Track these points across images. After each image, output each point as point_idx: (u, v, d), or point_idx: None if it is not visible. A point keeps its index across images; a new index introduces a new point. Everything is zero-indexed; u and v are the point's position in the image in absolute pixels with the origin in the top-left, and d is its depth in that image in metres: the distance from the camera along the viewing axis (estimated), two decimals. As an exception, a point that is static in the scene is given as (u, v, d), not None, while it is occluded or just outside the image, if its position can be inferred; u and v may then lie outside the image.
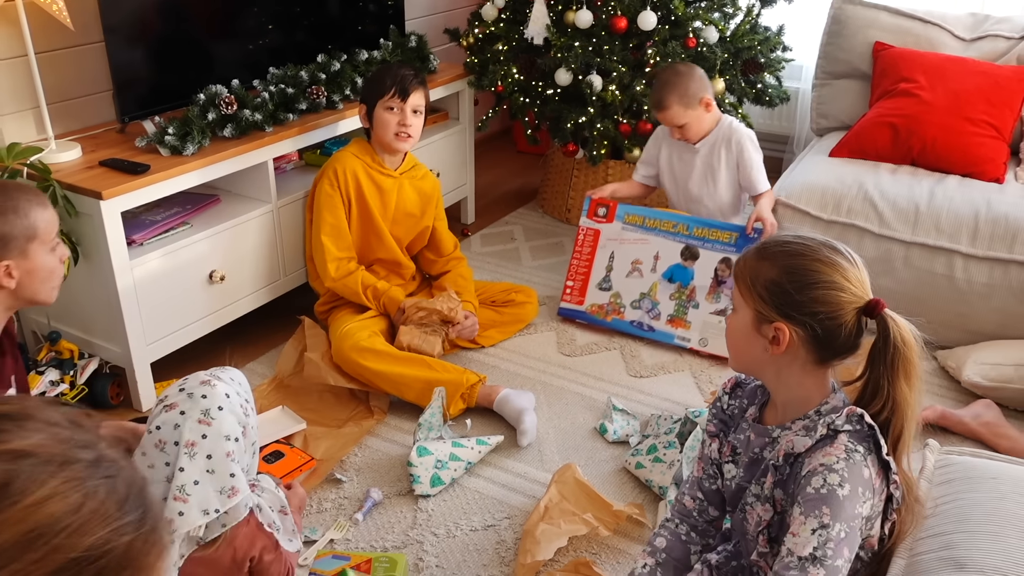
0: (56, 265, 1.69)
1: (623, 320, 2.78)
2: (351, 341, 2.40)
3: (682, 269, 2.79)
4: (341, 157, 2.60)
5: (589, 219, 2.94)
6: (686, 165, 2.90)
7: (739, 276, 1.40)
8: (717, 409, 1.53)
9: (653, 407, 2.45)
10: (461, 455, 2.16)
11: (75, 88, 2.57)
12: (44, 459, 0.75)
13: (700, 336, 2.68)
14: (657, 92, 2.75)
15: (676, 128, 2.79)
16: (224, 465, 1.44)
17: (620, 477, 2.18)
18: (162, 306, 2.40)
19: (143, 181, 2.27)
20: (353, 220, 2.62)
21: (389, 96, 2.54)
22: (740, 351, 1.43)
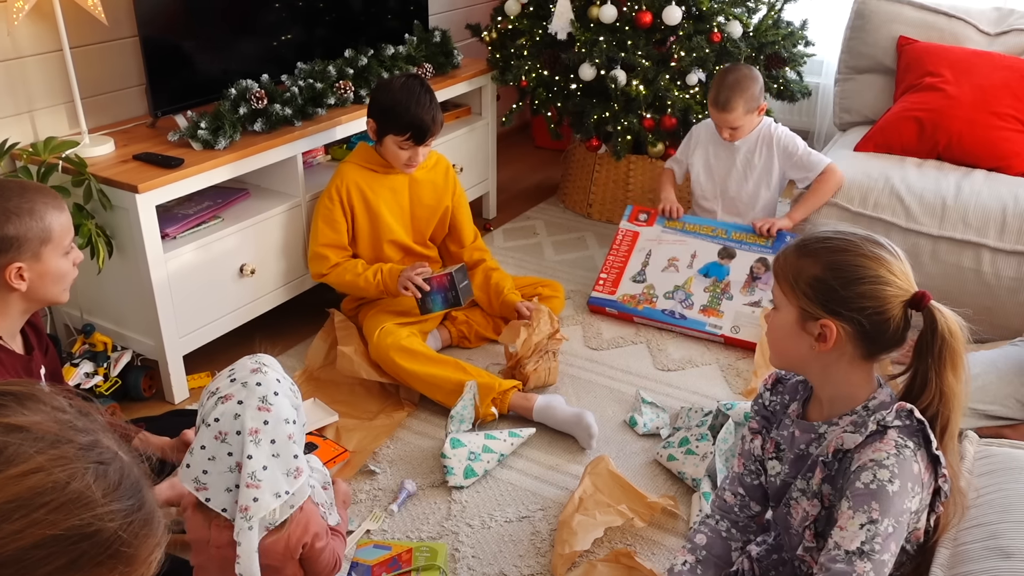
0: (69, 269, 1.68)
1: (654, 308, 2.79)
2: (391, 339, 2.41)
3: (718, 266, 2.82)
4: (342, 172, 2.58)
5: (630, 223, 3.00)
6: (723, 163, 2.92)
7: (780, 274, 1.40)
8: (759, 405, 1.54)
9: (682, 400, 2.46)
10: (494, 447, 2.17)
11: (107, 82, 2.59)
12: (36, 436, 0.77)
13: (732, 324, 2.69)
14: (724, 92, 2.74)
15: (729, 129, 2.81)
16: (287, 447, 1.46)
17: (652, 469, 2.19)
18: (194, 299, 2.42)
19: (177, 175, 2.29)
20: (361, 230, 2.61)
21: (403, 139, 2.49)
22: (784, 349, 1.43)
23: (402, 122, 2.46)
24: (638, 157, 3.49)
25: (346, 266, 2.57)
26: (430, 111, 2.48)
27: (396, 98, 2.48)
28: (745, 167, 2.90)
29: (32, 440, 0.76)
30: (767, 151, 2.86)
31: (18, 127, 2.41)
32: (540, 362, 2.45)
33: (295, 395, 1.54)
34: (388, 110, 2.48)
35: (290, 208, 2.65)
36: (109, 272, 2.35)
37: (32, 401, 0.80)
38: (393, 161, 2.57)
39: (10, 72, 2.36)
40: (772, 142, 2.85)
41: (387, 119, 2.49)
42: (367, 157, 2.61)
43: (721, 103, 2.76)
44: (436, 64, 3.17)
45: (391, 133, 2.50)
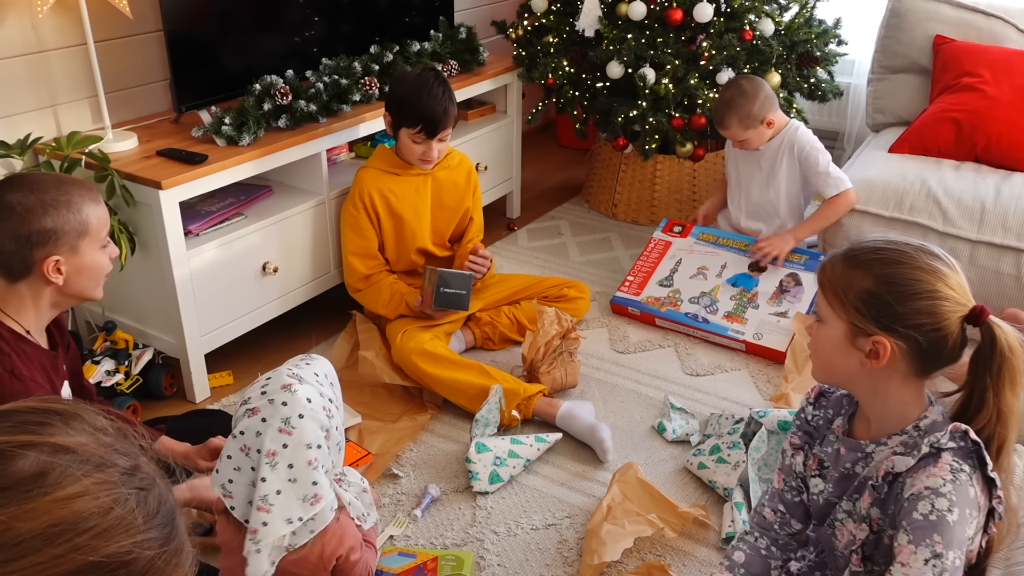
0: (105, 263, 1.65)
1: (678, 311, 2.74)
2: (414, 343, 2.37)
3: (747, 277, 2.77)
4: (361, 178, 2.54)
5: (663, 233, 2.98)
6: (748, 167, 2.86)
7: (827, 285, 1.34)
8: (801, 420, 1.48)
9: (711, 406, 2.40)
10: (520, 452, 2.12)
11: (131, 77, 2.57)
12: (83, 458, 0.74)
13: (755, 331, 2.63)
14: (718, 111, 2.72)
15: (738, 141, 2.78)
16: (306, 474, 1.41)
17: (682, 477, 2.14)
18: (217, 297, 2.39)
19: (201, 171, 2.25)
20: (387, 235, 2.57)
21: (416, 132, 2.45)
22: (830, 364, 1.37)
23: (414, 113, 2.43)
24: (665, 157, 3.43)
25: (374, 292, 2.54)
26: (442, 103, 2.43)
27: (409, 89, 2.44)
28: (768, 173, 2.83)
29: (78, 462, 0.74)
30: (788, 158, 2.79)
31: (41, 122, 2.38)
32: (555, 365, 2.40)
33: (329, 414, 1.47)
34: (401, 102, 2.46)
35: (314, 206, 2.61)
36: (131, 269, 2.32)
37: (77, 421, 0.78)
38: (409, 157, 2.53)
39: (34, 66, 2.33)
40: (794, 150, 2.77)
41: (400, 111, 2.46)
42: (386, 160, 2.57)
43: (717, 120, 2.75)
44: (461, 61, 3.13)
45: (404, 125, 2.46)
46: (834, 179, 2.73)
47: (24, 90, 2.33)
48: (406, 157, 2.54)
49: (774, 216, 2.87)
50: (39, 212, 1.52)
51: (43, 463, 0.72)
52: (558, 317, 2.41)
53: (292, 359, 1.54)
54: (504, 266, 3.18)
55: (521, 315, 2.67)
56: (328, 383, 1.51)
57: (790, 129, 2.78)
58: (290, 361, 1.52)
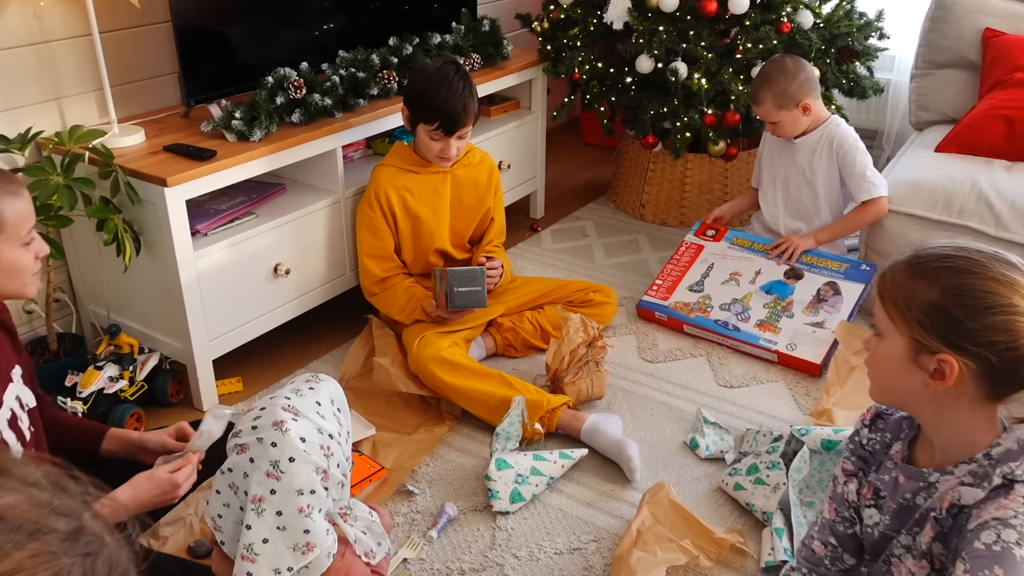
0: (28, 262, 1.46)
1: (707, 318, 2.59)
2: (431, 350, 2.24)
3: (783, 285, 2.62)
4: (377, 177, 2.42)
5: (696, 236, 2.85)
6: (784, 162, 2.72)
7: (886, 295, 1.20)
8: (855, 444, 1.34)
9: (747, 420, 2.26)
10: (543, 469, 1.99)
11: (139, 70, 2.46)
12: (13, 525, 0.61)
13: (789, 341, 2.48)
14: (754, 84, 2.60)
15: (770, 124, 2.64)
16: (297, 521, 1.27)
17: (716, 498, 1.99)
18: (225, 300, 2.28)
19: (209, 168, 2.14)
20: (404, 236, 2.46)
21: (433, 128, 2.33)
22: (889, 384, 1.23)
23: (432, 109, 2.31)
24: (695, 156, 3.28)
25: (390, 296, 2.43)
26: (462, 98, 2.31)
27: (428, 83, 2.32)
28: (805, 168, 2.69)
29: (9, 532, 0.61)
30: (827, 154, 2.64)
31: (46, 115, 2.28)
32: (580, 375, 2.26)
33: (327, 452, 1.31)
34: (419, 96, 2.34)
35: (329, 205, 2.49)
36: (137, 270, 2.21)
37: (3, 477, 0.65)
38: (427, 154, 2.41)
39: (37, 57, 2.23)
40: (833, 145, 2.63)
41: (418, 105, 2.35)
42: (403, 158, 2.45)
43: (751, 93, 2.61)
44: (484, 55, 3.00)
45: (421, 121, 2.35)
46: (868, 183, 2.59)
47: (27, 82, 2.23)
48: (424, 154, 2.42)
49: (814, 216, 2.72)
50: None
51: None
52: (584, 324, 2.27)
53: (297, 379, 1.40)
54: (527, 268, 3.05)
55: (545, 321, 2.54)
56: (332, 411, 1.36)
57: (831, 124, 2.63)
58: (291, 385, 1.38)
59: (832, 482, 1.38)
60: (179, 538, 1.84)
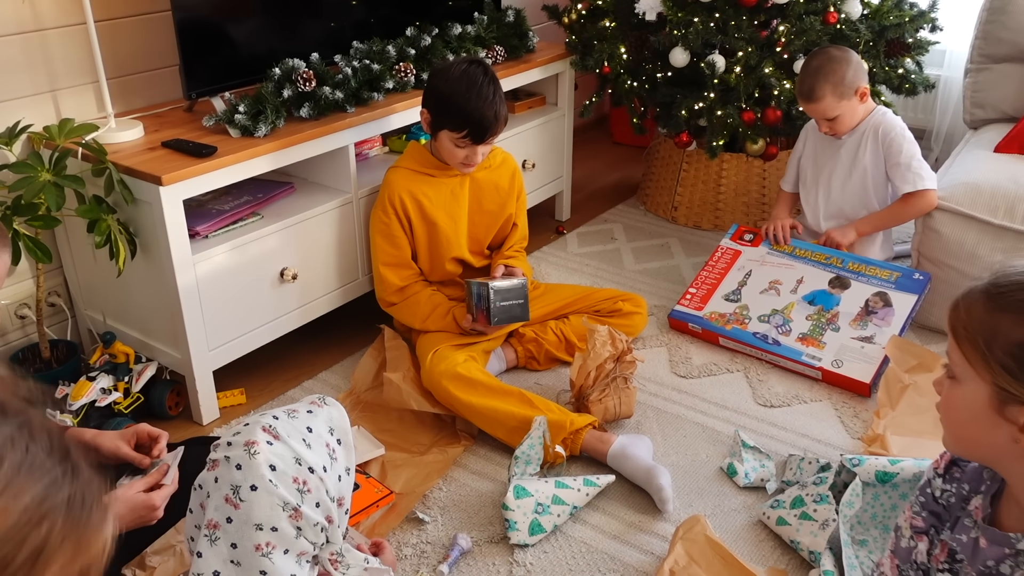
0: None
1: (745, 331, 2.40)
2: (444, 366, 2.08)
3: (827, 295, 2.43)
4: (391, 180, 2.26)
5: (732, 241, 2.67)
6: (828, 159, 2.53)
7: (962, 333, 1.00)
8: (926, 497, 1.15)
9: (789, 444, 2.07)
10: (565, 498, 1.82)
11: (139, 61, 2.32)
12: None
13: (834, 357, 2.28)
14: (808, 80, 2.39)
15: (826, 121, 2.44)
16: (252, 559, 1.11)
17: (756, 532, 1.81)
18: (227, 307, 2.12)
19: (208, 165, 1.99)
20: (420, 243, 2.30)
21: (460, 136, 2.17)
22: (968, 436, 1.04)
23: (460, 117, 2.14)
24: (732, 155, 3.09)
25: (410, 305, 2.28)
26: (493, 105, 2.14)
27: (454, 88, 2.14)
28: (850, 163, 2.51)
29: None
30: (873, 144, 2.47)
31: (40, 108, 2.15)
32: (608, 392, 2.08)
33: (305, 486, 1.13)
34: (444, 101, 2.16)
35: (340, 205, 2.34)
36: (133, 274, 2.07)
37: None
38: (448, 159, 2.24)
39: (29, 46, 2.09)
40: (880, 132, 2.46)
41: (443, 111, 2.16)
42: (419, 159, 2.28)
43: (805, 92, 2.41)
44: (508, 47, 2.83)
45: (446, 128, 2.17)
46: (914, 174, 2.41)
47: (19, 73, 2.09)
48: (444, 159, 2.25)
49: (861, 214, 2.54)
50: None
51: None
52: (612, 337, 2.09)
53: (304, 399, 1.24)
54: (551, 274, 2.87)
55: (569, 331, 2.36)
56: (326, 442, 1.19)
57: (876, 113, 2.49)
58: (289, 407, 1.22)
59: (894, 533, 1.19)
60: (168, 568, 1.68)
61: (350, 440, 1.21)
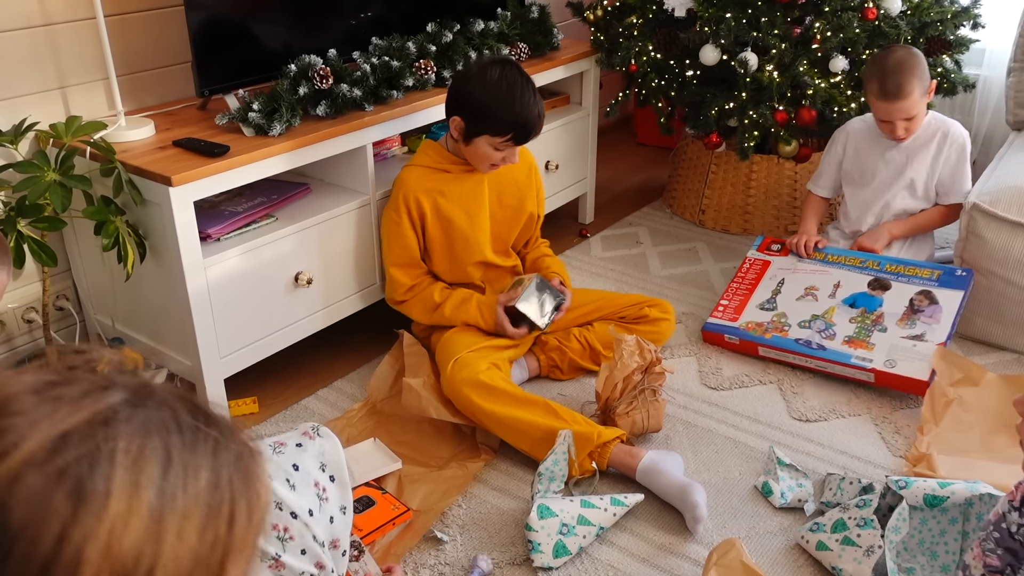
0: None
1: (786, 338, 2.29)
2: (466, 373, 1.99)
3: (868, 296, 2.32)
4: (405, 179, 2.18)
5: (759, 252, 2.56)
6: (876, 161, 2.46)
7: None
8: (1001, 532, 1.05)
9: (827, 462, 1.96)
10: (592, 518, 1.72)
11: (152, 58, 2.24)
12: None
13: (887, 357, 2.17)
14: (894, 77, 2.28)
15: (903, 122, 2.35)
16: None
17: (794, 558, 1.70)
18: (239, 313, 2.04)
19: (220, 165, 1.91)
20: (435, 243, 2.21)
21: (503, 140, 2.09)
22: None
23: (504, 122, 2.05)
24: (762, 157, 2.98)
25: (422, 297, 2.20)
26: (536, 106, 2.08)
27: (493, 94, 2.05)
28: (903, 166, 2.44)
29: None
30: (935, 150, 2.42)
31: (48, 105, 2.08)
32: (635, 405, 1.98)
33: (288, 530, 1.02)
34: (484, 109, 2.06)
35: (358, 207, 2.25)
36: (142, 278, 1.99)
37: None
38: (479, 162, 2.15)
39: (37, 41, 2.02)
40: (948, 140, 2.41)
41: (483, 119, 2.07)
42: (435, 157, 2.20)
43: (892, 91, 2.29)
44: (532, 44, 2.74)
45: (487, 134, 2.08)
46: (964, 187, 2.41)
47: (27, 69, 2.02)
48: (473, 161, 2.16)
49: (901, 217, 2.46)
50: None
51: None
52: (640, 347, 1.99)
53: (299, 427, 1.14)
54: (575, 279, 2.77)
55: (594, 339, 2.27)
56: (314, 480, 1.08)
57: (934, 117, 2.44)
58: (277, 438, 1.12)
59: (961, 573, 1.08)
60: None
61: (345, 476, 1.09)
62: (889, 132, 2.39)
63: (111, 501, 0.48)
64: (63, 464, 0.48)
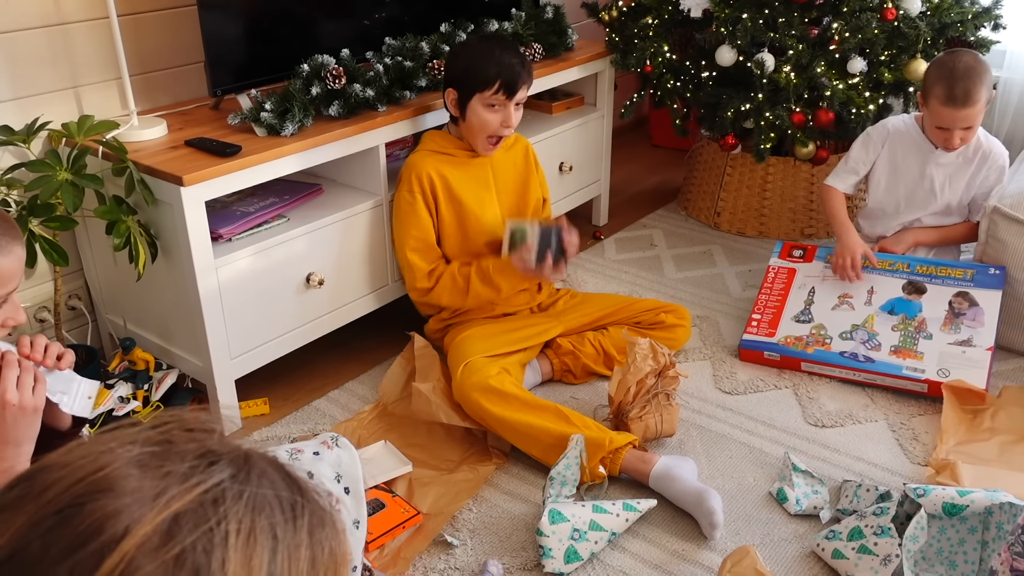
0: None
1: (829, 352, 2.24)
2: (476, 378, 1.97)
3: (905, 302, 2.29)
4: (415, 162, 2.17)
5: (781, 259, 2.50)
6: (916, 172, 2.39)
7: None
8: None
9: (844, 469, 1.93)
10: (603, 523, 1.70)
11: (165, 57, 2.24)
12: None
13: (939, 366, 2.13)
14: (964, 83, 2.17)
15: (961, 131, 2.25)
16: None
17: (810, 566, 1.67)
18: (250, 314, 2.04)
19: (232, 165, 1.90)
20: (446, 222, 2.20)
21: (493, 92, 2.08)
22: None
23: (490, 73, 2.08)
24: (778, 159, 2.95)
25: (446, 283, 2.18)
26: (517, 53, 2.14)
27: (475, 52, 2.12)
28: (945, 180, 2.39)
29: None
30: (976, 168, 2.36)
31: (62, 105, 2.08)
32: (648, 409, 1.96)
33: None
34: (470, 67, 2.10)
35: (370, 208, 2.24)
36: (153, 278, 1.99)
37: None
38: (480, 132, 2.15)
39: (52, 40, 2.02)
40: (989, 160, 2.34)
41: (470, 77, 2.10)
42: (441, 143, 2.21)
43: (960, 97, 2.17)
44: (547, 45, 2.72)
45: (478, 91, 2.10)
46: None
47: (41, 68, 2.02)
48: (475, 135, 2.16)
49: None
50: None
51: None
52: (653, 350, 1.97)
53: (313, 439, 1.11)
54: (589, 281, 2.75)
55: (608, 344, 2.24)
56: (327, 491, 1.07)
57: (980, 133, 2.35)
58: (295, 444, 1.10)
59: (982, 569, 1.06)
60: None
61: (360, 490, 1.06)
62: (944, 141, 2.28)
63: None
64: (179, 550, 0.45)
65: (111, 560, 0.43)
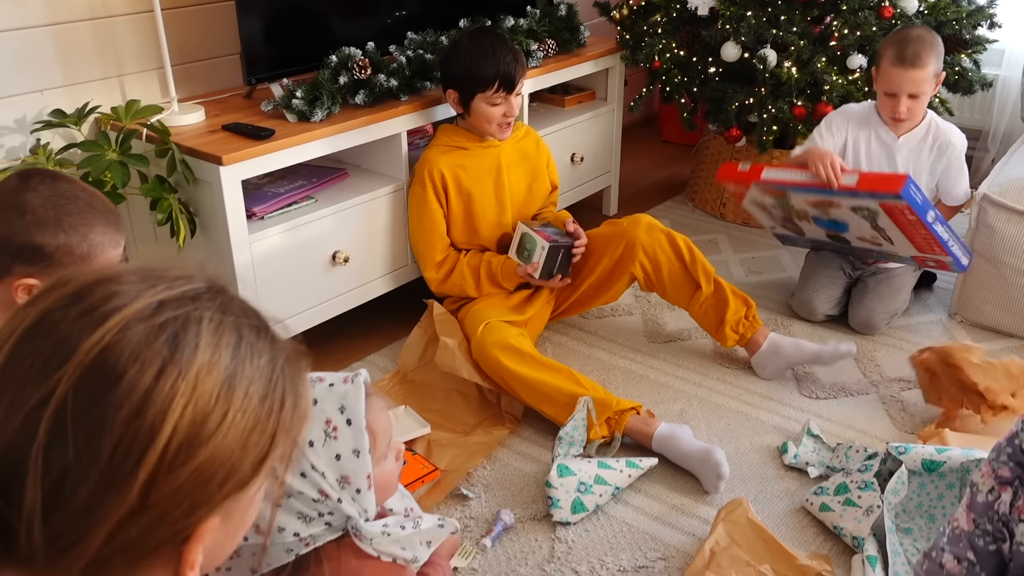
0: None
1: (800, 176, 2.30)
2: (496, 336, 2.11)
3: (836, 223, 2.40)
4: (428, 158, 2.33)
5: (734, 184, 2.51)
6: (879, 160, 2.45)
7: None
8: (1014, 448, 1.14)
9: (834, 435, 2.06)
10: (608, 478, 1.83)
11: (202, 49, 2.39)
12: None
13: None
14: (913, 45, 2.24)
15: (907, 99, 2.29)
16: None
17: (799, 519, 1.80)
18: (280, 287, 2.18)
19: (266, 147, 2.05)
20: (455, 214, 2.35)
21: (493, 91, 2.24)
22: None
23: (488, 73, 2.22)
24: (782, 151, 3.07)
25: (455, 280, 2.36)
26: (509, 50, 2.27)
27: (469, 55, 2.25)
28: (909, 168, 2.45)
29: None
30: (931, 155, 2.41)
31: (106, 92, 2.23)
32: None
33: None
34: (467, 71, 2.25)
35: (392, 191, 2.38)
36: (191, 252, 2.14)
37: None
38: (486, 126, 2.31)
39: (99, 32, 2.18)
40: (945, 147, 2.39)
41: (469, 79, 2.25)
42: (453, 137, 2.36)
43: (909, 57, 2.23)
44: (560, 40, 2.86)
45: (478, 92, 2.25)
46: (966, 187, 2.46)
47: (88, 58, 2.18)
48: (483, 127, 2.31)
49: None
50: (47, 228, 1.25)
51: None
52: None
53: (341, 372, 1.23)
54: (598, 266, 2.88)
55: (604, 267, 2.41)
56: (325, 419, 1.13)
57: (932, 120, 2.42)
58: (324, 373, 1.21)
59: (969, 490, 1.18)
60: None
61: (361, 423, 1.14)
62: (890, 109, 2.32)
63: (198, 352, 0.60)
64: (162, 320, 0.61)
65: (111, 321, 0.59)
